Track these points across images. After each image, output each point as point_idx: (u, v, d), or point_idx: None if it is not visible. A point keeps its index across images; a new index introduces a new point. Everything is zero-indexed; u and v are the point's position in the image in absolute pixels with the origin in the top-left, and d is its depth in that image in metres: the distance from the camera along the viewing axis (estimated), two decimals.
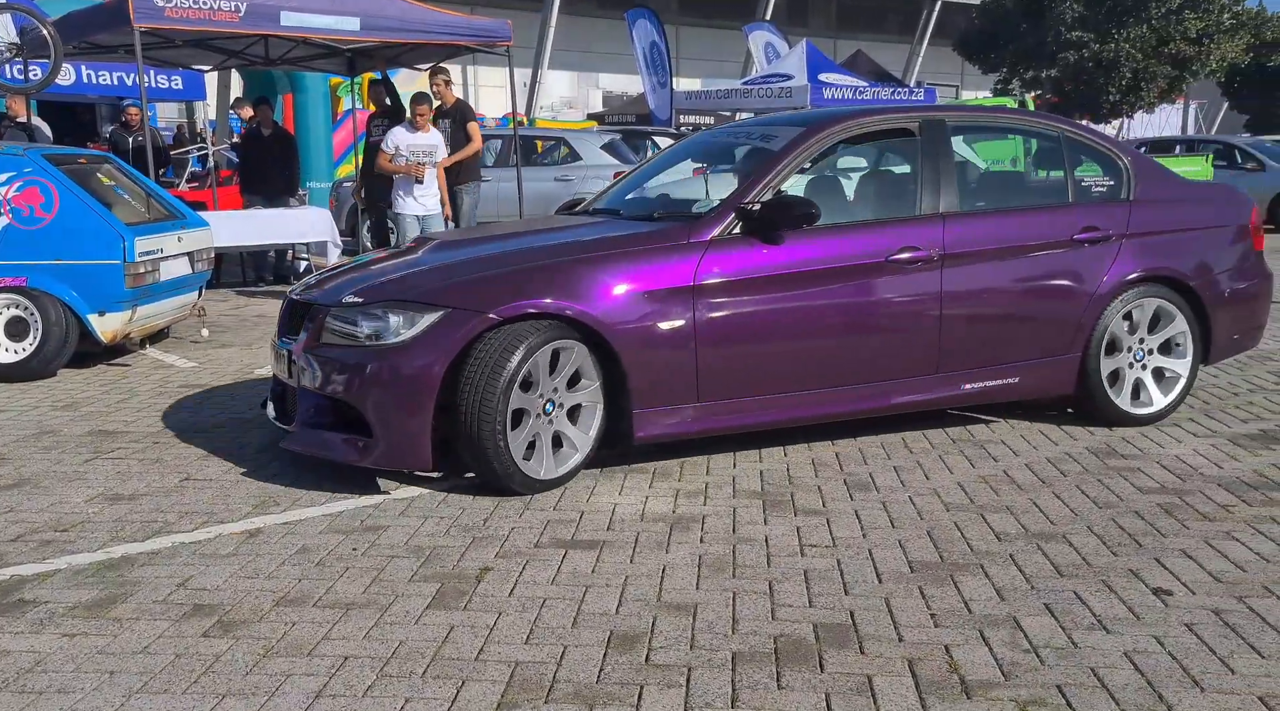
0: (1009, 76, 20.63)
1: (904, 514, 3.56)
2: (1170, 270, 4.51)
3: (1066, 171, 4.60)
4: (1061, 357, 4.39)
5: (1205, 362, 4.67)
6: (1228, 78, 24.75)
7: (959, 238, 4.20)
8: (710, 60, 35.57)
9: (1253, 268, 4.82)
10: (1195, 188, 5.03)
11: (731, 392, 3.94)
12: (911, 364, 4.18)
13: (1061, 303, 4.36)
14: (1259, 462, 4.05)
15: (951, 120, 4.51)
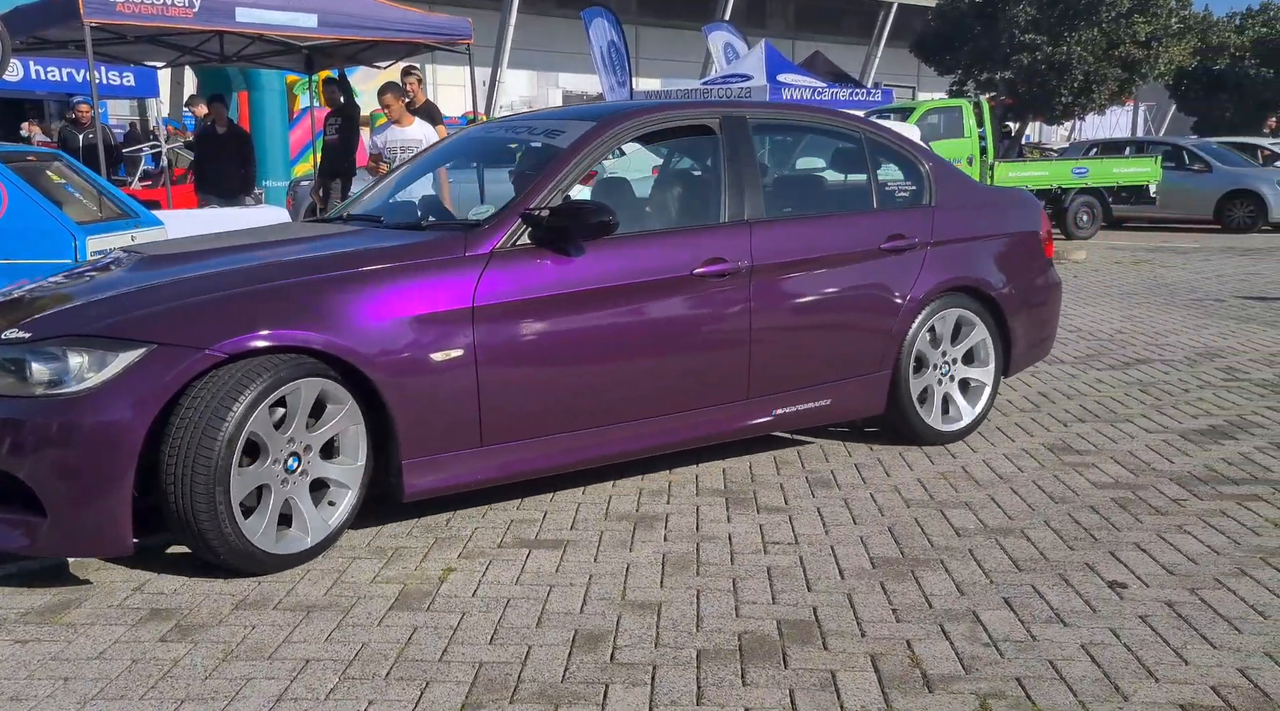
0: (964, 78, 20.93)
1: (865, 511, 3.59)
2: (973, 280, 4.31)
3: (870, 175, 4.31)
4: (872, 375, 4.11)
5: (1005, 375, 4.53)
6: (1175, 80, 25.32)
7: (767, 247, 3.81)
8: (670, 60, 35.62)
9: (1046, 276, 4.73)
10: (992, 193, 4.87)
11: (522, 432, 3.36)
12: (722, 389, 3.76)
13: (871, 317, 4.07)
14: (1209, 457, 4.15)
15: (753, 117, 4.05)
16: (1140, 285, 9.77)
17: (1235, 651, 2.52)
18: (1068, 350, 6.51)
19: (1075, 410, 4.96)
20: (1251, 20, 27.25)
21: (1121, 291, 9.32)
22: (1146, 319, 7.67)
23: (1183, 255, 12.67)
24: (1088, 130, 30.32)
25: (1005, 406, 5.06)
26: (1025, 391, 5.37)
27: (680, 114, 3.99)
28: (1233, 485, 3.78)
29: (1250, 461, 4.07)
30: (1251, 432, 4.49)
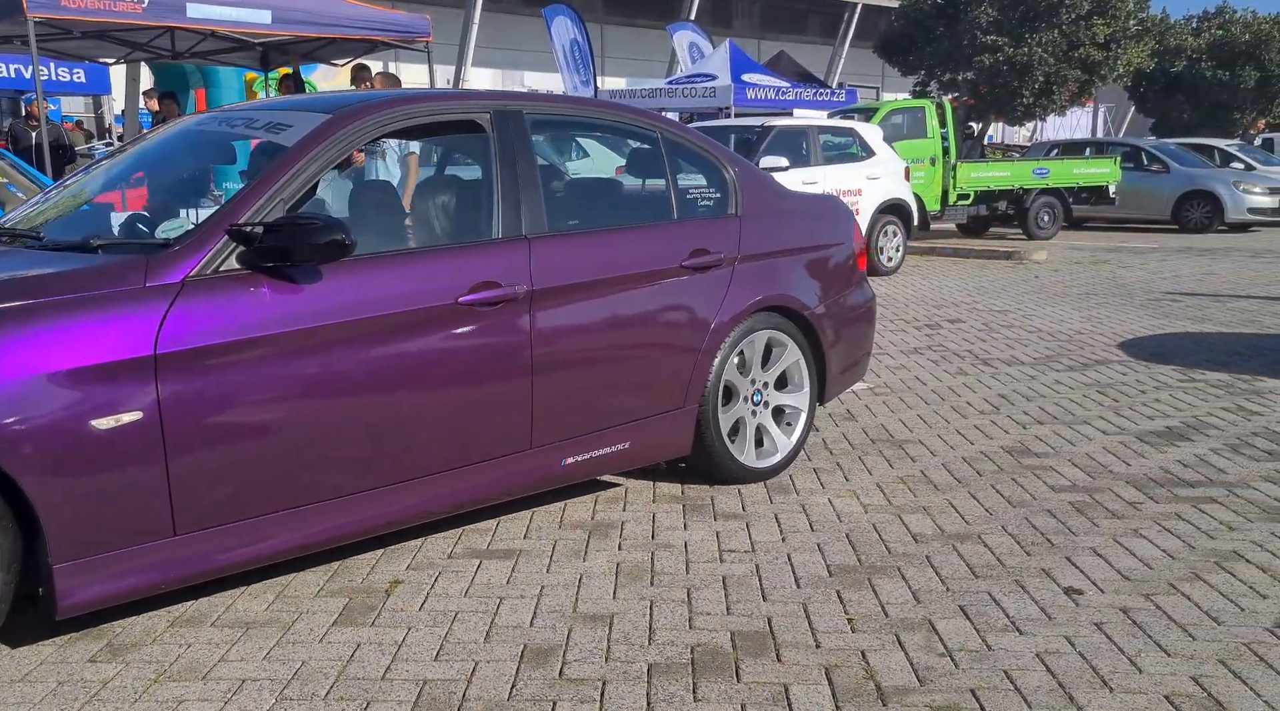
0: (927, 79, 21.07)
1: (823, 517, 3.55)
2: (786, 298, 3.86)
3: (669, 180, 3.76)
4: (677, 412, 3.60)
5: (820, 402, 4.11)
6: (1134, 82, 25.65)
7: (550, 267, 3.22)
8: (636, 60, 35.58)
9: (861, 292, 4.32)
10: (803, 201, 4.31)
11: (231, 513, 2.65)
12: (498, 441, 3.14)
13: (674, 345, 3.55)
14: (1165, 460, 4.15)
15: (531, 112, 3.44)
16: (1099, 285, 9.85)
17: (1189, 659, 2.50)
18: (1028, 351, 6.53)
19: (1034, 412, 4.97)
20: (1208, 23, 27.69)
21: (1081, 292, 9.39)
22: (1105, 319, 7.72)
23: (1141, 255, 12.82)
24: (1048, 131, 30.66)
25: (965, 409, 5.05)
26: (985, 394, 5.36)
27: (440, 107, 3.29)
28: (1188, 488, 3.78)
29: (1205, 463, 4.08)
30: (1206, 434, 4.51)
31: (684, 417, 3.64)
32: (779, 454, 3.95)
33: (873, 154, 11.26)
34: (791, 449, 3.99)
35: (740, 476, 3.85)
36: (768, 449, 3.94)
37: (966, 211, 15.74)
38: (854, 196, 10.90)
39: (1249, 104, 26.89)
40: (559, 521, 3.52)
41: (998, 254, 13.05)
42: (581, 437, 3.36)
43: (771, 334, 3.87)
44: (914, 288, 10.06)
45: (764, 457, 3.92)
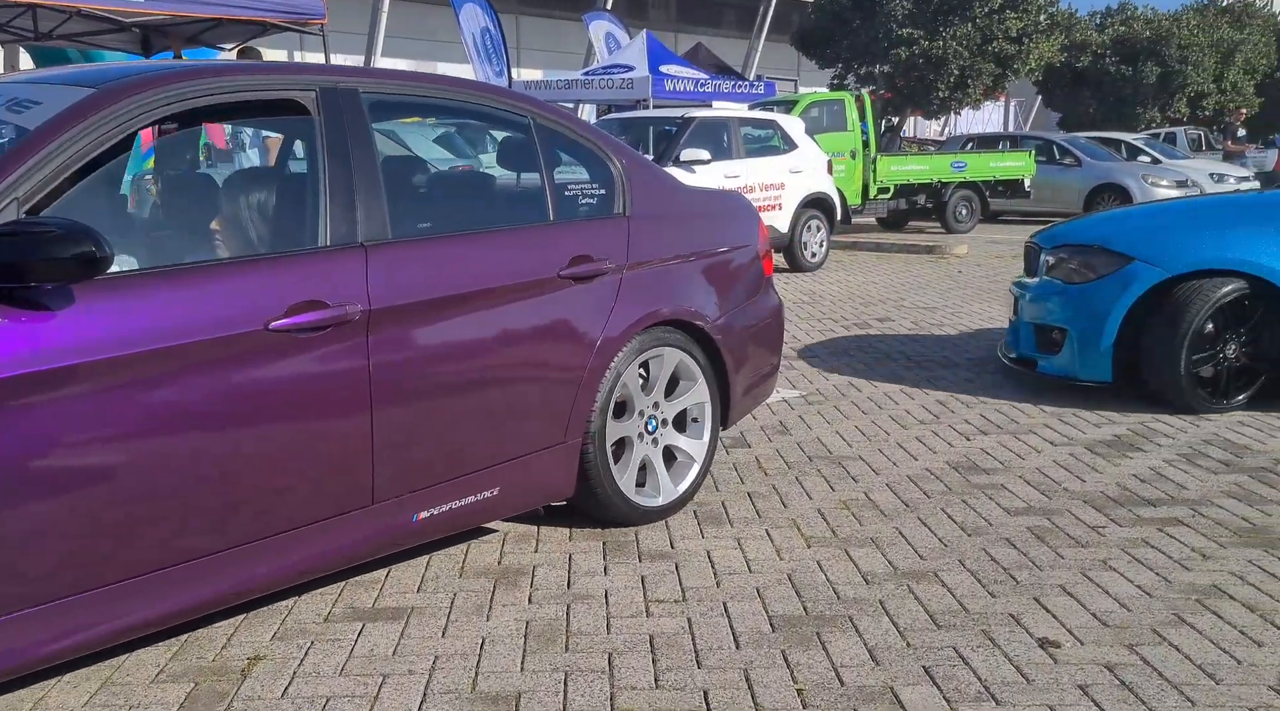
0: (844, 72, 21.01)
1: (761, 553, 3.15)
2: (685, 311, 3.35)
3: (544, 174, 3.17)
4: (556, 449, 3.07)
5: (723, 427, 3.65)
6: (1043, 76, 26.07)
7: (395, 282, 2.63)
8: (552, 52, 34.94)
9: (767, 299, 3.84)
10: (702, 198, 3.80)
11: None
12: (329, 498, 2.57)
13: (551, 371, 3.01)
14: (1119, 473, 3.87)
15: (370, 91, 2.81)
16: None
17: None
18: (961, 351, 6.26)
19: (976, 420, 4.66)
20: (1111, 19, 28.32)
21: (1005, 287, 9.21)
22: None
23: None
24: (961, 125, 31.04)
25: (904, 418, 4.72)
26: (923, 400, 5.05)
27: (249, 82, 2.65)
28: (1150, 507, 3.49)
29: (1162, 477, 3.80)
30: (1157, 442, 4.25)
31: (564, 455, 3.10)
32: (660, 498, 3.37)
33: (795, 147, 10.98)
34: (679, 496, 3.44)
35: (629, 518, 3.32)
36: (649, 490, 3.38)
37: (886, 205, 15.67)
38: (777, 190, 10.60)
39: (1151, 99, 27.57)
40: (460, 567, 3.05)
41: (920, 248, 12.93)
42: (437, 487, 2.80)
43: (681, 359, 3.38)
44: (840, 284, 9.80)
45: (645, 496, 3.35)
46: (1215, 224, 4.72)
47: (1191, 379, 4.54)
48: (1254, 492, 3.60)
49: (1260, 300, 4.50)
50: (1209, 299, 4.48)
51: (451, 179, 3.80)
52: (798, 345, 6.54)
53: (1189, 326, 4.48)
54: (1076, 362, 4.81)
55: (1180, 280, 4.56)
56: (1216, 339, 4.56)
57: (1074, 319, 4.82)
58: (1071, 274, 4.92)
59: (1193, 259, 4.56)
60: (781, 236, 10.70)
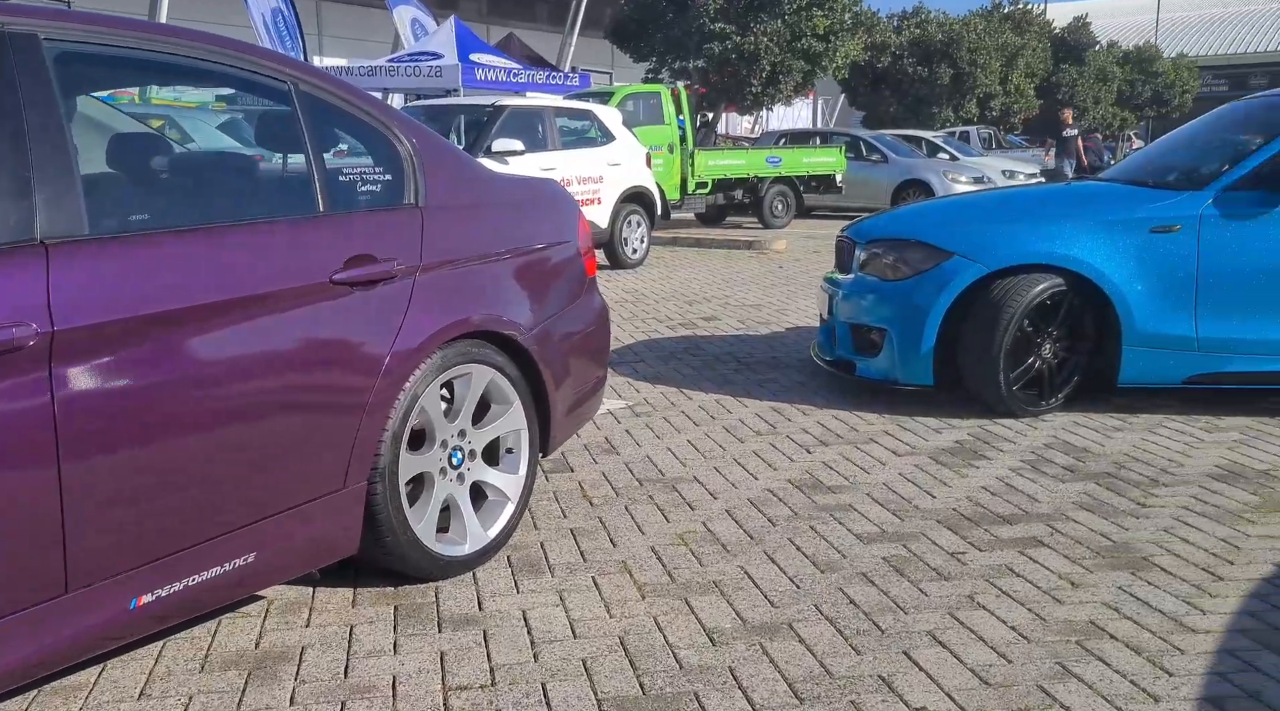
0: (659, 66, 20.88)
1: (587, 610, 2.64)
2: (499, 321, 2.83)
3: (309, 155, 2.53)
4: (334, 497, 2.46)
5: (543, 454, 3.15)
6: (849, 75, 26.93)
7: (91, 293, 1.99)
8: (358, 40, 33.27)
9: (590, 303, 3.36)
10: (513, 186, 3.24)
11: None
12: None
13: (322, 400, 2.40)
14: (969, 486, 3.60)
15: (55, 37, 2.09)
16: None
17: None
18: (790, 351, 5.99)
19: (815, 430, 4.33)
20: (907, 22, 29.61)
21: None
22: None
23: None
24: (772, 122, 31.72)
25: (739, 429, 4.34)
26: (757, 408, 4.69)
27: None
28: (1006, 525, 3.22)
29: (1012, 488, 3.56)
30: (999, 447, 4.04)
31: (345, 502, 2.50)
32: (466, 546, 2.83)
33: (613, 138, 10.56)
34: (490, 542, 2.90)
35: (429, 572, 2.76)
36: (455, 535, 2.84)
37: (705, 201, 15.58)
38: (595, 184, 10.16)
39: (945, 99, 29.01)
40: (203, 658, 2.39)
41: (740, 243, 12.82)
42: (165, 560, 2.14)
43: (492, 378, 2.84)
44: (663, 282, 9.46)
45: (448, 543, 2.81)
46: (1031, 217, 4.57)
47: (1011, 380, 4.37)
48: (1105, 503, 3.40)
49: (1076, 295, 4.37)
50: (1027, 296, 4.31)
51: (187, 160, 3.06)
52: (622, 348, 6.10)
53: (1008, 325, 4.30)
54: (897, 365, 4.57)
55: (998, 276, 4.38)
56: (1035, 337, 4.40)
57: (893, 318, 4.57)
58: (887, 270, 4.68)
59: (1011, 253, 4.39)
60: (601, 232, 10.26)
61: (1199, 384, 4.35)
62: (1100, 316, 4.41)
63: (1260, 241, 4.23)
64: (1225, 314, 4.25)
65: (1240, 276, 4.23)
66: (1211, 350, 4.27)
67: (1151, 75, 38.27)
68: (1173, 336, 4.29)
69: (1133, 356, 4.34)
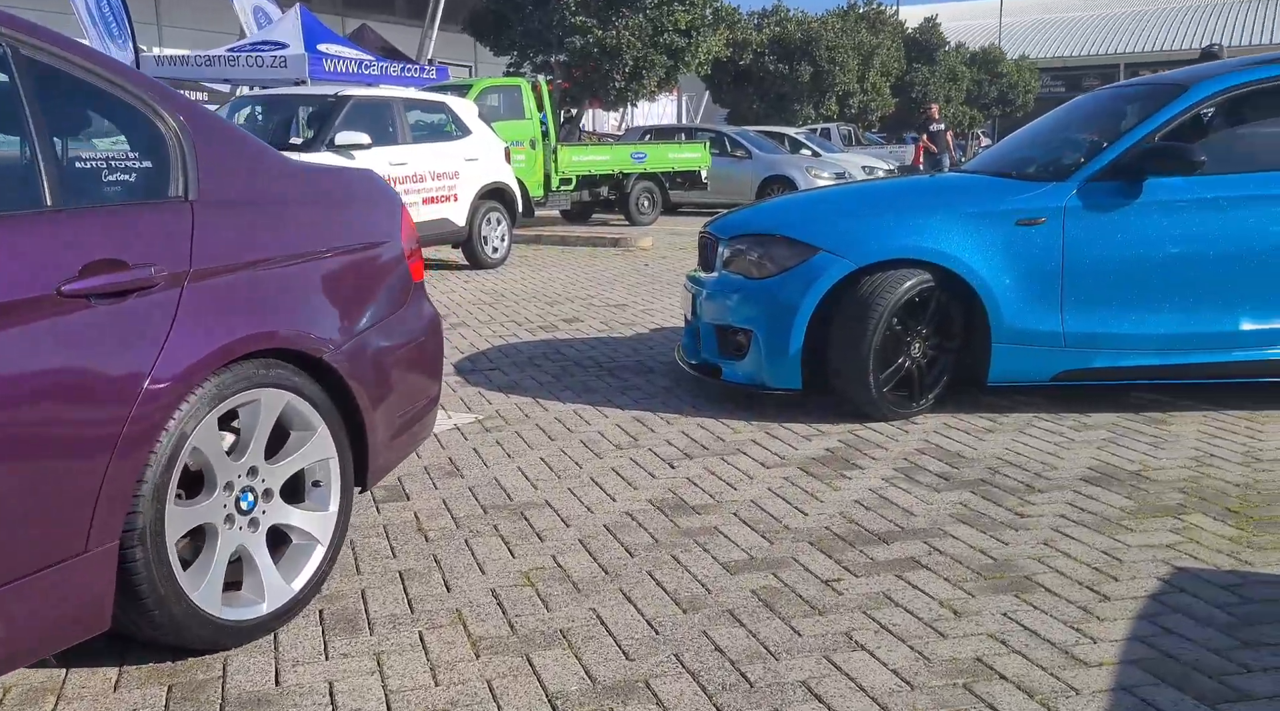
0: (520, 60, 20.36)
1: (409, 677, 2.23)
2: (296, 337, 2.39)
3: (32, 135, 2.03)
4: (71, 563, 1.96)
5: (363, 488, 2.72)
6: (712, 71, 27.00)
7: None
8: (201, 30, 31.44)
9: (417, 313, 2.90)
10: (316, 177, 2.73)
11: None
12: None
13: (45, 449, 1.90)
14: (841, 500, 3.35)
15: None
16: None
17: None
18: (655, 354, 5.68)
19: (679, 440, 4.02)
20: (768, 20, 29.94)
21: None
22: None
23: None
24: (637, 118, 31.58)
25: (597, 442, 3.99)
26: (618, 418, 4.35)
27: None
28: (882, 544, 2.97)
29: (886, 501, 3.33)
30: (871, 454, 3.82)
31: (90, 569, 1.99)
32: (264, 605, 2.36)
33: (469, 132, 10.07)
34: (293, 597, 2.44)
35: (215, 640, 2.28)
36: (249, 592, 2.37)
37: (570, 197, 15.23)
38: (451, 180, 9.65)
39: (806, 96, 29.47)
40: None
41: (605, 241, 12.51)
42: None
43: (288, 400, 2.39)
44: (524, 281, 9.04)
45: (239, 606, 2.33)
46: (898, 210, 4.37)
47: (881, 382, 4.17)
48: (982, 514, 3.19)
49: (944, 291, 4.20)
50: (895, 292, 4.11)
51: None
52: (476, 355, 5.66)
53: (877, 323, 4.10)
54: (764, 368, 4.31)
55: (866, 272, 4.17)
56: (904, 336, 4.22)
57: (758, 319, 4.31)
58: (752, 267, 4.41)
59: (879, 248, 4.18)
60: (459, 230, 9.77)
61: (1067, 380, 4.24)
62: (969, 313, 4.25)
63: (1122, 233, 4.14)
64: (1091, 308, 4.15)
65: (1104, 269, 4.14)
66: (1078, 346, 4.17)
67: (997, 76, 39.98)
68: (1040, 332, 4.17)
69: (1002, 354, 4.20)
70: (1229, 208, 4.11)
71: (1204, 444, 3.86)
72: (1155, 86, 4.59)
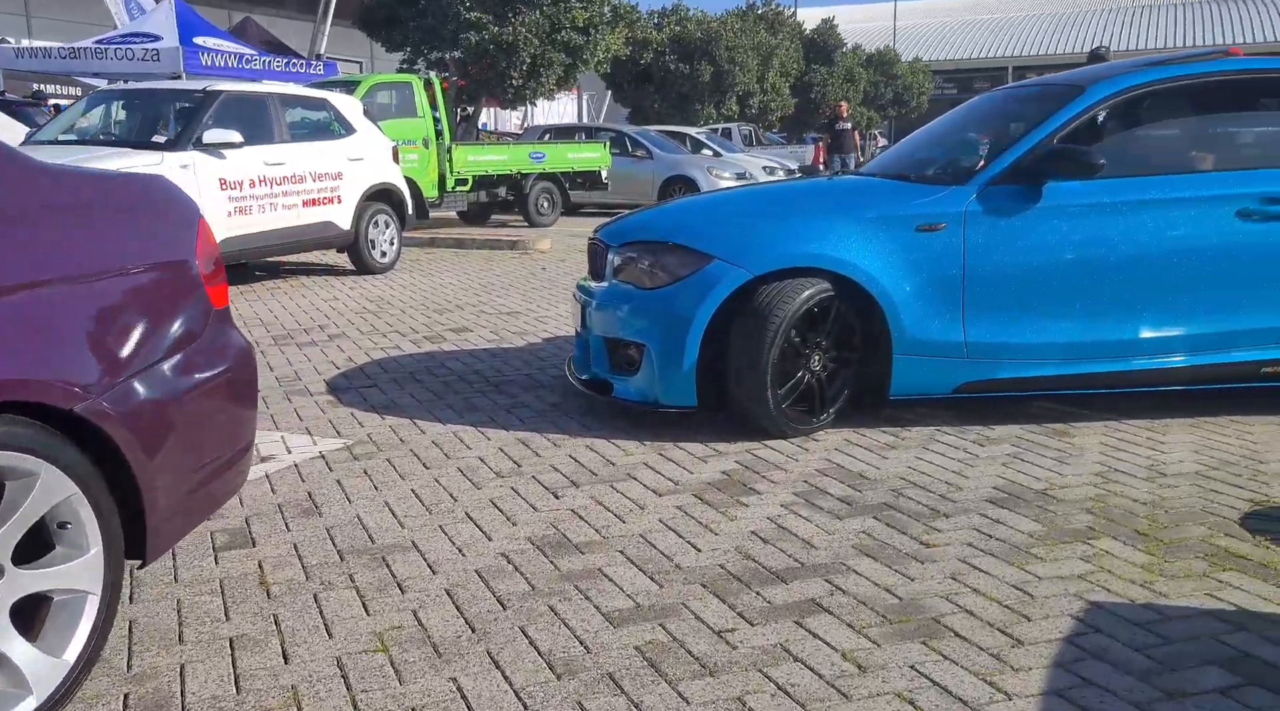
0: (414, 56, 19.73)
1: None
2: (31, 387, 1.92)
3: None
4: None
5: (143, 562, 2.23)
6: (611, 71, 26.75)
7: None
8: (73, 22, 29.77)
9: (221, 347, 2.47)
10: (78, 182, 2.26)
11: None
12: None
13: None
14: (738, 532, 3.09)
15: None
16: None
17: None
18: (546, 367, 5.36)
19: (566, 466, 3.71)
20: (668, 19, 29.83)
21: None
22: None
23: None
24: (538, 117, 31.13)
25: (478, 472, 3.65)
26: (500, 440, 4.02)
27: None
28: (779, 584, 2.71)
29: (785, 532, 3.08)
30: (770, 478, 3.58)
31: None
32: (30, 699, 1.94)
33: (353, 131, 9.56)
34: (66, 675, 2.02)
35: None
36: (8, 690, 1.94)
37: (467, 198, 14.78)
38: (334, 181, 9.15)
39: (707, 96, 29.47)
40: None
41: (503, 244, 12.11)
42: None
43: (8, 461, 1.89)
44: (413, 288, 8.61)
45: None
46: (796, 215, 4.16)
47: (780, 397, 3.94)
48: (886, 543, 2.98)
49: (843, 301, 4.00)
50: (794, 302, 3.89)
51: None
52: (351, 370, 5.25)
53: (775, 335, 3.87)
54: (658, 385, 4.04)
55: (763, 281, 3.94)
56: (803, 348, 4.00)
57: (651, 332, 4.04)
58: (644, 276, 4.14)
59: (776, 255, 3.95)
60: (343, 234, 9.27)
61: (971, 392, 4.08)
62: (869, 323, 4.06)
63: (1023, 238, 3.99)
64: (993, 317, 4.00)
65: (1005, 276, 3.99)
66: (981, 356, 4.01)
67: (892, 78, 40.79)
68: (942, 343, 3.99)
69: (903, 365, 4.01)
70: (1128, 212, 4.01)
71: (1108, 457, 3.74)
72: (1052, 87, 4.48)
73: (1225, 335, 4.04)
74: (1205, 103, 4.30)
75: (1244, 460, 3.66)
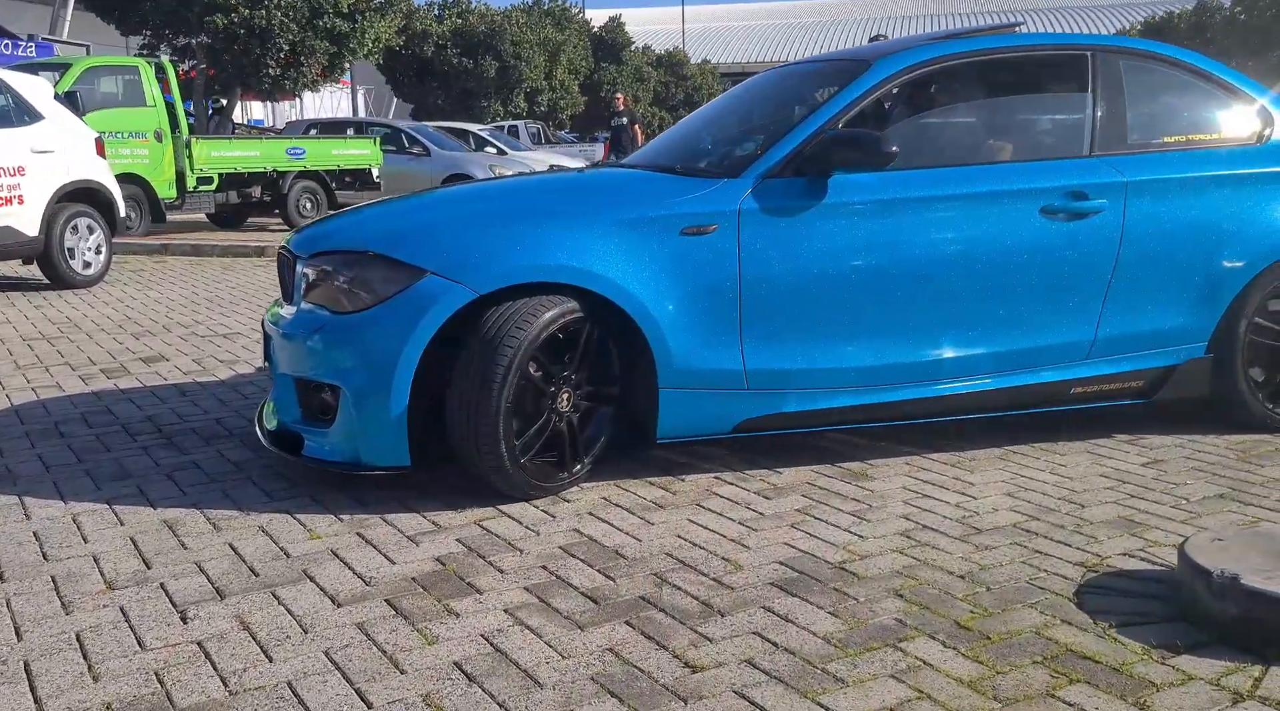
0: (155, 41, 17.60)
1: None
2: None
3: None
4: None
5: None
6: (388, 64, 25.20)
7: None
8: None
9: None
10: None
11: None
12: None
13: None
14: (436, 668, 2.18)
15: None
16: None
17: None
18: (250, 406, 4.26)
19: (217, 561, 2.68)
20: (449, 11, 28.52)
21: None
22: None
23: None
24: (309, 112, 29.02)
25: (79, 581, 2.57)
26: (141, 525, 2.92)
27: None
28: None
29: (504, 661, 2.20)
30: (499, 565, 2.69)
31: None
32: None
33: (40, 118, 7.99)
34: None
35: None
36: None
37: (214, 199, 13.17)
38: (14, 177, 7.59)
39: (493, 92, 28.37)
40: None
41: (247, 250, 10.69)
42: None
43: None
44: (118, 305, 7.19)
45: None
46: (533, 217, 3.27)
47: (518, 448, 3.07)
48: (637, 672, 2.14)
49: (596, 323, 3.18)
50: (532, 328, 3.02)
51: None
52: None
53: (508, 370, 2.98)
54: (359, 439, 3.08)
55: (491, 301, 3.06)
56: (547, 385, 3.14)
57: (348, 370, 3.08)
58: (341, 297, 3.18)
59: (507, 269, 3.07)
60: (28, 241, 7.70)
61: (754, 430, 3.35)
62: (630, 350, 3.25)
63: (807, 242, 3.30)
64: (776, 339, 3.28)
65: (788, 288, 3.27)
66: (763, 387, 3.29)
67: (682, 78, 41.09)
68: (718, 371, 3.24)
69: (672, 401, 3.23)
70: (923, 209, 3.39)
71: (912, 506, 3.09)
72: (834, 63, 3.84)
73: (1030, 351, 3.50)
74: (1004, 83, 3.78)
75: (1063, 504, 3.10)
